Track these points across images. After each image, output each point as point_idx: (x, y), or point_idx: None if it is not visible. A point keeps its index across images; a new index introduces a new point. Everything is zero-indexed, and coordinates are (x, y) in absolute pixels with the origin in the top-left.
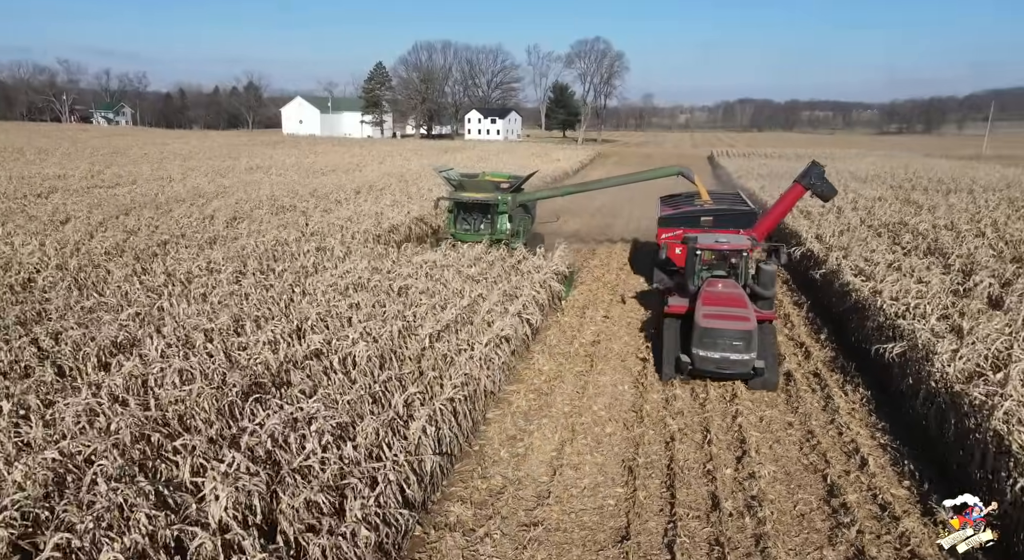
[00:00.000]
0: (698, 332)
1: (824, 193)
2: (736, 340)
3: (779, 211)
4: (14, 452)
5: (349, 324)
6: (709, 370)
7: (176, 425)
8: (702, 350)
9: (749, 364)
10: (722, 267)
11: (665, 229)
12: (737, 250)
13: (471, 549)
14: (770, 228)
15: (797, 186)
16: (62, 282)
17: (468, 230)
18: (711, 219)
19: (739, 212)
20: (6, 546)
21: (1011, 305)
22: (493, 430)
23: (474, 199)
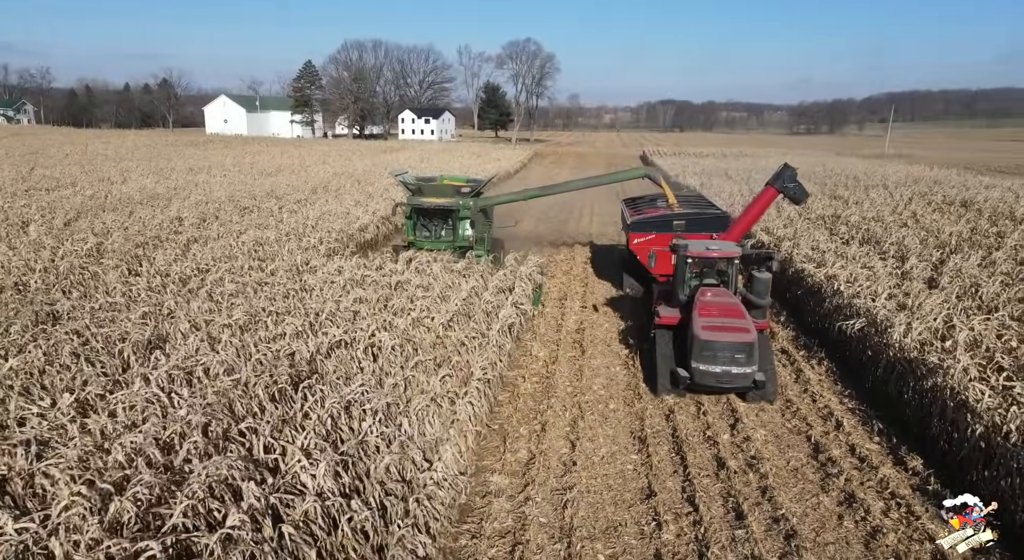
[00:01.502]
0: (698, 345)
1: (797, 196)
2: (738, 353)
3: (752, 215)
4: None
5: (360, 317)
6: (709, 385)
7: (238, 410)
8: (702, 364)
9: (750, 377)
10: (712, 275)
11: (637, 234)
12: (728, 257)
13: (518, 511)
14: (743, 233)
15: (770, 189)
16: (56, 285)
17: (429, 237)
18: (683, 223)
19: (711, 216)
20: (134, 517)
21: (945, 284)
22: (508, 410)
23: (435, 205)
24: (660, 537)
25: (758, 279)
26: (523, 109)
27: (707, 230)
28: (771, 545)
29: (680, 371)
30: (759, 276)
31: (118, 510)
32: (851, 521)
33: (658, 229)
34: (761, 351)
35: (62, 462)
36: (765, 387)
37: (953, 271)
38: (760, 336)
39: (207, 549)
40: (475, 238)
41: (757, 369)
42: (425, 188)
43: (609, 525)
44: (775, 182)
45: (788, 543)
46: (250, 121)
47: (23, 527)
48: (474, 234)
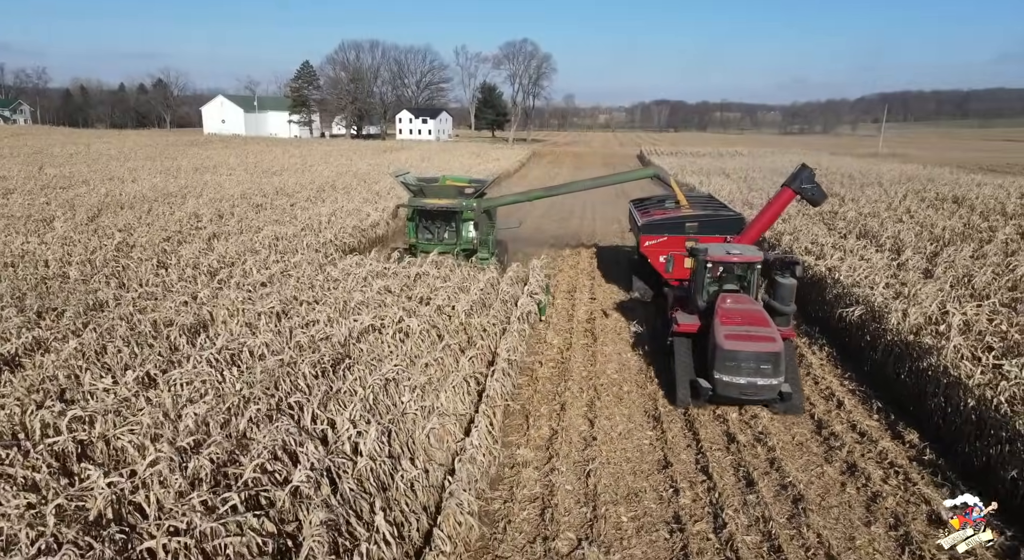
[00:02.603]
0: (720, 355)
1: (815, 198)
2: (764, 363)
3: (768, 217)
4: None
5: (385, 305)
6: (732, 396)
7: (283, 387)
8: (725, 375)
9: (776, 389)
10: (732, 280)
11: (649, 236)
12: (751, 263)
13: (545, 480)
14: (758, 235)
15: (786, 190)
16: (93, 276)
17: (431, 240)
18: (697, 225)
19: (725, 218)
20: (209, 474)
21: (939, 275)
22: (528, 392)
23: (437, 206)
24: (678, 501)
25: (782, 285)
26: (519, 109)
27: (721, 232)
28: (780, 508)
29: (701, 382)
30: (783, 282)
31: (196, 467)
32: (853, 488)
33: (671, 231)
34: (787, 361)
35: (137, 428)
36: (791, 399)
37: (946, 262)
38: (786, 345)
39: (281, 501)
40: (479, 241)
41: (783, 380)
42: (427, 189)
43: (630, 492)
44: (792, 183)
45: (796, 506)
46: (248, 121)
47: (113, 481)
48: (478, 236)
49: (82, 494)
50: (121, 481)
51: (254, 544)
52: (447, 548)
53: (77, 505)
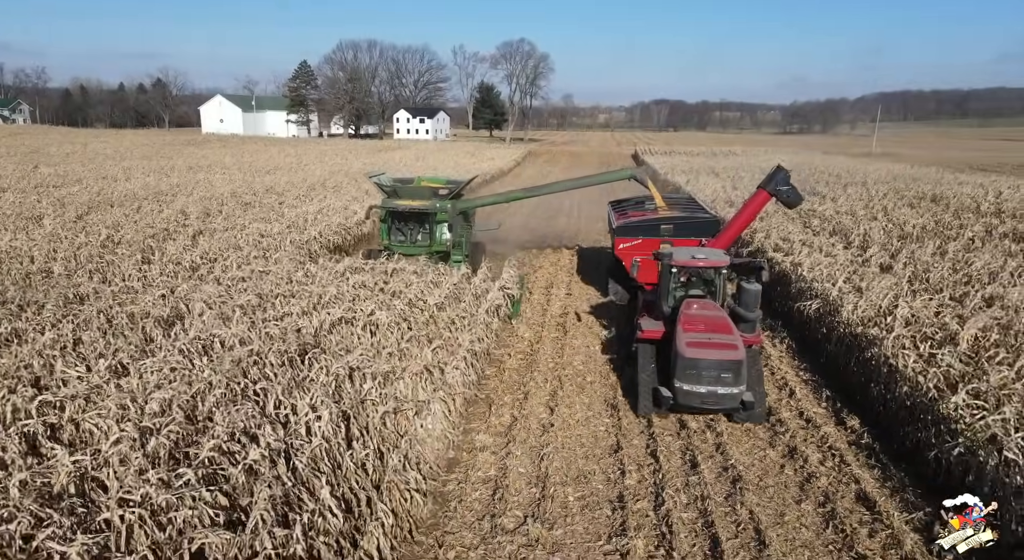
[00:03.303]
0: (681, 363)
1: (791, 200)
2: (724, 372)
3: (743, 220)
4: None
5: (360, 299)
6: (693, 405)
7: (252, 374)
8: (686, 384)
9: (738, 398)
10: (698, 285)
11: (623, 239)
12: (716, 267)
13: (500, 463)
14: (733, 238)
15: (762, 192)
16: (77, 271)
17: (404, 241)
18: (671, 227)
19: (701, 220)
20: (169, 453)
21: (897, 271)
22: (494, 382)
23: (410, 207)
24: (623, 482)
25: (747, 290)
26: (517, 109)
27: (697, 235)
28: (719, 488)
29: (662, 390)
30: (748, 287)
31: (156, 446)
32: (791, 469)
33: (645, 233)
34: (750, 369)
35: (104, 412)
36: (753, 408)
37: (907, 258)
38: (749, 352)
39: (234, 477)
40: (453, 242)
41: (745, 388)
42: (401, 190)
43: (580, 474)
44: (767, 185)
45: (734, 486)
46: (246, 121)
47: (77, 459)
48: (452, 238)
49: (47, 471)
50: (85, 459)
51: (206, 516)
52: (388, 521)
53: (42, 481)
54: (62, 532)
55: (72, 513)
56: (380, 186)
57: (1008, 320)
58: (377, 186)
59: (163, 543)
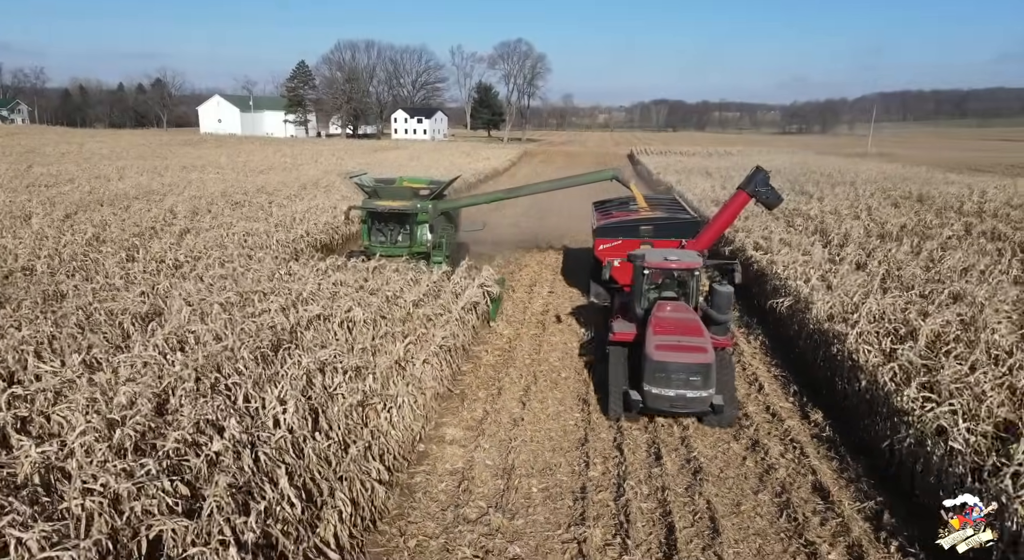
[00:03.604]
0: (650, 366)
1: (769, 201)
2: (693, 375)
3: (723, 221)
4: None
5: (339, 296)
6: (662, 409)
7: (225, 369)
8: (654, 387)
9: (707, 401)
10: (672, 287)
11: (603, 240)
12: (689, 269)
13: (467, 456)
14: (712, 240)
15: (741, 193)
16: (60, 269)
17: (384, 242)
18: (651, 228)
19: (681, 221)
20: (134, 444)
21: (871, 269)
22: (469, 377)
23: (390, 208)
24: (587, 474)
25: (719, 292)
26: (514, 109)
27: (677, 236)
28: (680, 479)
29: (632, 393)
30: (720, 289)
31: (121, 437)
32: (752, 461)
33: (625, 234)
34: (720, 372)
35: (73, 405)
36: (723, 412)
37: (882, 256)
38: (721, 355)
39: (196, 467)
40: (434, 243)
41: (715, 392)
42: (381, 191)
43: (546, 466)
44: (747, 186)
45: (695, 477)
46: (244, 121)
47: (44, 450)
48: (433, 239)
49: (12, 461)
50: (51, 450)
51: (164, 504)
52: (347, 509)
53: (8, 472)
54: (22, 520)
55: (35, 502)
56: (361, 186)
57: (970, 316)
58: (358, 186)
59: (121, 530)
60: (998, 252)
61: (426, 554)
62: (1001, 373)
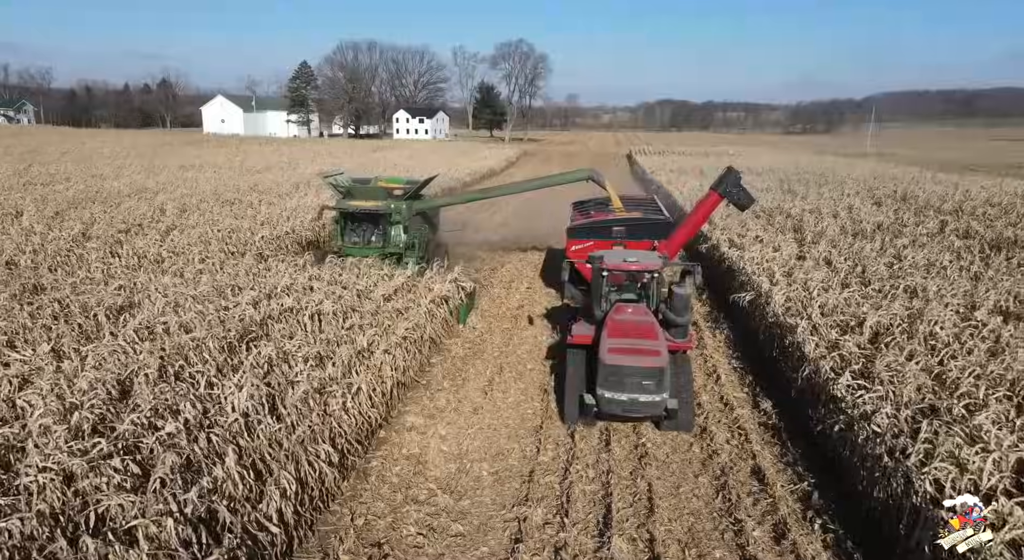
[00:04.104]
0: (603, 370)
1: (741, 201)
2: (646, 379)
3: (694, 222)
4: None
5: (313, 290)
6: (615, 413)
7: (192, 358)
8: (607, 391)
9: (661, 405)
10: (631, 289)
11: (575, 241)
12: (648, 271)
13: (424, 441)
14: (684, 241)
15: (713, 194)
16: (43, 264)
17: (358, 243)
18: (623, 229)
19: (653, 222)
20: (90, 425)
21: (837, 265)
22: (437, 369)
23: (362, 208)
24: (538, 459)
25: (677, 295)
26: (515, 109)
27: (650, 237)
28: (626, 464)
29: (587, 397)
30: (678, 292)
31: (79, 419)
32: (698, 447)
33: (597, 236)
34: (677, 376)
35: (38, 390)
36: (678, 416)
37: (850, 253)
38: (678, 358)
39: (148, 447)
40: (407, 244)
41: (669, 396)
42: (355, 191)
43: (499, 451)
44: (718, 187)
45: (640, 462)
46: (247, 121)
47: (3, 432)
48: (408, 240)
49: None
50: (12, 431)
51: (114, 481)
52: (292, 487)
53: None
54: None
55: None
56: (335, 186)
57: (919, 309)
58: (332, 186)
59: (71, 505)
60: (967, 248)
61: (373, 532)
62: (935, 361)
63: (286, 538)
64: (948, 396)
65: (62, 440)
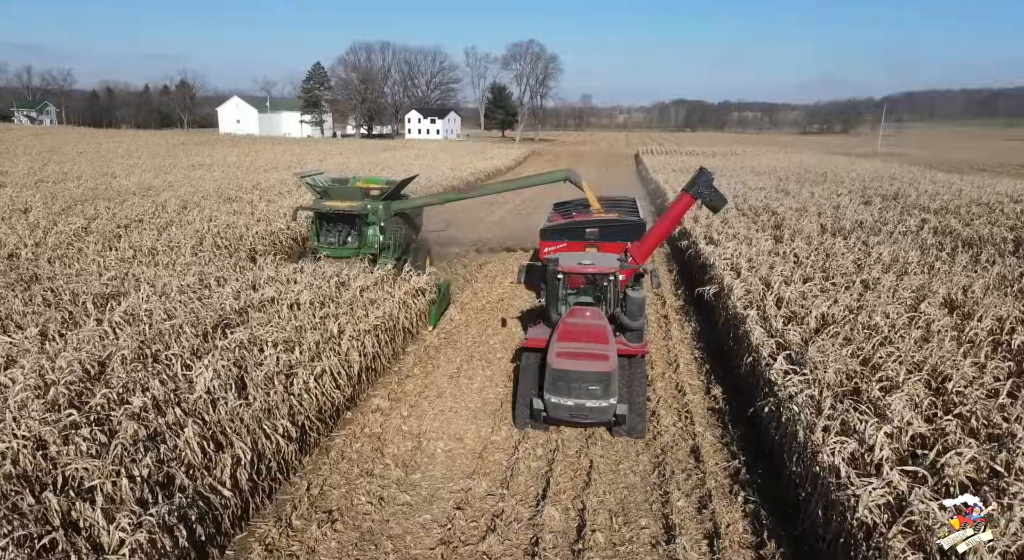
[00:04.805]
0: (550, 374)
1: (713, 203)
2: (592, 384)
3: (667, 223)
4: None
5: (295, 281)
6: (563, 418)
7: (168, 342)
8: (554, 396)
9: (609, 411)
10: (588, 292)
11: (548, 242)
12: (603, 273)
13: (387, 422)
14: (656, 243)
15: (685, 196)
16: (44, 256)
17: (333, 243)
18: (597, 230)
19: (627, 223)
20: (66, 401)
21: (801, 260)
22: (410, 357)
23: (337, 209)
24: (491, 438)
25: (631, 298)
26: (526, 109)
27: (623, 238)
28: (574, 443)
29: (536, 402)
30: (632, 295)
31: (55, 394)
32: (649, 431)
33: (570, 237)
34: (628, 381)
35: (21, 368)
36: (627, 421)
37: (820, 249)
38: (631, 363)
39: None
40: (382, 244)
41: (618, 401)
42: (332, 191)
43: (455, 432)
44: (690, 188)
45: (587, 441)
46: (262, 121)
47: None
48: (384, 240)
49: None
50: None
51: (81, 448)
52: (247, 457)
53: None
54: None
55: None
56: (312, 186)
57: (870, 301)
58: (309, 186)
59: (42, 467)
60: (939, 245)
61: (326, 501)
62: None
63: (241, 502)
64: (870, 379)
65: (37, 412)
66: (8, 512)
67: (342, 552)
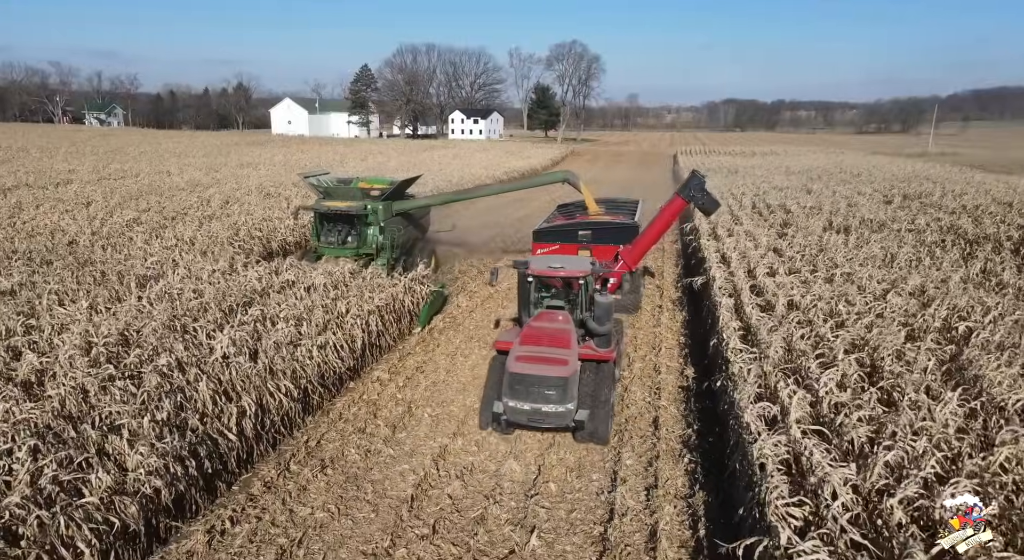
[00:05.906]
0: (507, 378)
1: (706, 206)
2: (549, 388)
3: (658, 226)
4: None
5: (312, 267)
6: (520, 423)
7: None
8: (512, 399)
9: (567, 417)
10: (559, 296)
11: (541, 244)
12: (573, 277)
13: (384, 391)
14: (647, 247)
15: (677, 198)
16: (99, 243)
17: (333, 243)
18: (590, 233)
19: (621, 226)
20: (105, 359)
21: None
22: (415, 338)
23: (336, 209)
24: (474, 406)
25: (598, 303)
26: (568, 109)
27: (616, 241)
28: None
29: (496, 405)
30: (600, 300)
31: (96, 353)
32: (619, 403)
33: (563, 239)
34: (593, 386)
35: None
36: (585, 427)
37: (818, 244)
38: (598, 368)
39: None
40: (380, 245)
41: (576, 407)
42: (333, 191)
43: (443, 400)
44: (683, 191)
45: None
46: (311, 122)
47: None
48: (383, 240)
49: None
50: (48, 360)
51: (116, 396)
52: (251, 409)
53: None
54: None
55: (28, 390)
56: (314, 186)
57: (844, 291)
58: (313, 187)
59: (83, 410)
60: (939, 243)
61: (321, 452)
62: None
63: (246, 448)
64: (811, 357)
65: (82, 367)
66: (54, 440)
67: (329, 490)
